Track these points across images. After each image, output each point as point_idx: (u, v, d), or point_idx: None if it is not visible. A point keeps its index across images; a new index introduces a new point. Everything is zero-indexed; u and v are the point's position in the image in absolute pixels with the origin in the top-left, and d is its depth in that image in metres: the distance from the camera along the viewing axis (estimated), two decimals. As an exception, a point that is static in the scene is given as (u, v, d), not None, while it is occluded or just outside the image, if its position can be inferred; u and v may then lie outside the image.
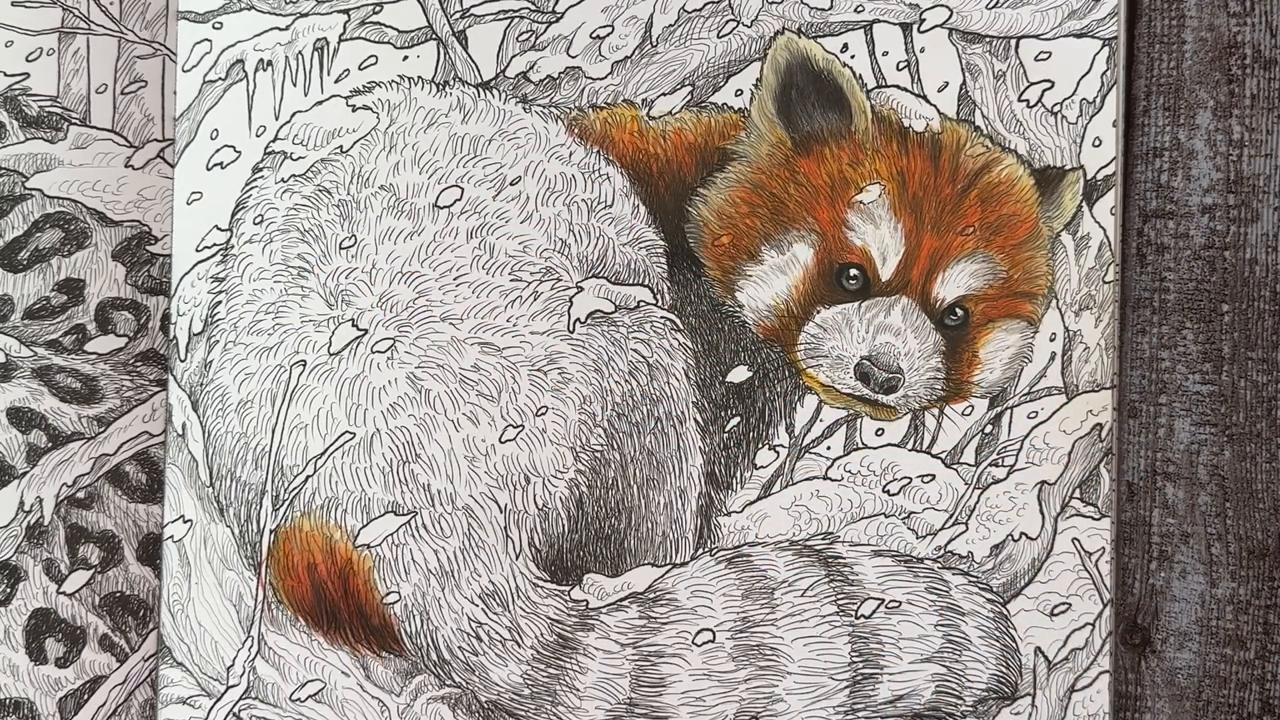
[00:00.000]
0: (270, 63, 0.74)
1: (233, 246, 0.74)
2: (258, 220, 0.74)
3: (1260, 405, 0.73)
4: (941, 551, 0.74)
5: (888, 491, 0.74)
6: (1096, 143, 0.74)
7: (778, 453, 0.74)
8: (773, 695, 0.73)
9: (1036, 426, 0.74)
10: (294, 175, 0.74)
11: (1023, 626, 0.74)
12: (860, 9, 0.74)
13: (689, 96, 0.74)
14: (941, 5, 0.74)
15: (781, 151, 0.74)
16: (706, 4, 0.74)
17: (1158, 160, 0.75)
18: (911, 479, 0.74)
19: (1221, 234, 0.74)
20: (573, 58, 0.74)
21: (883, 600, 0.74)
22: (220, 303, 0.74)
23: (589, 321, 0.73)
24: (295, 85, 0.74)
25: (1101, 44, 0.74)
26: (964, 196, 0.74)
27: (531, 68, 0.74)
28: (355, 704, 0.74)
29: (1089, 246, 0.74)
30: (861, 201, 0.73)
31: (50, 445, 0.75)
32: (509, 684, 0.73)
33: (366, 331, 0.73)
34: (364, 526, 0.73)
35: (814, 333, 0.74)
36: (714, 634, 0.73)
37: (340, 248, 0.73)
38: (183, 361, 0.74)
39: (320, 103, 0.74)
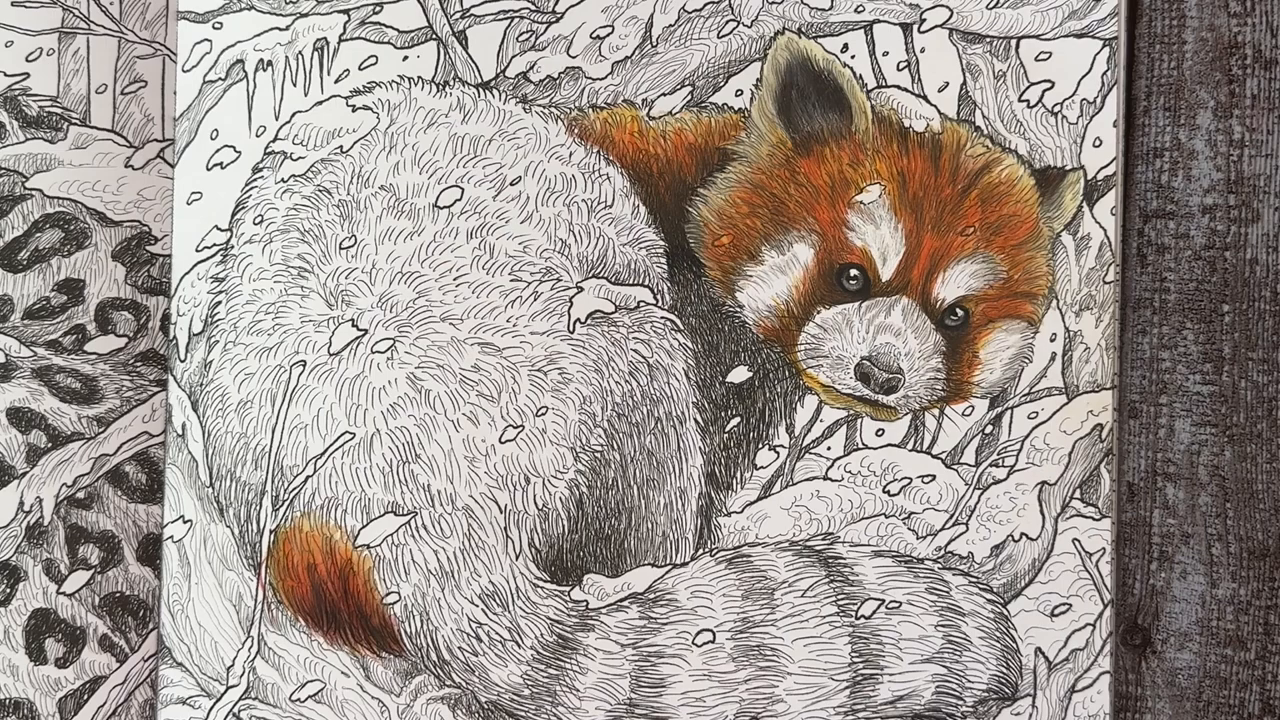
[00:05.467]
0: (270, 63, 0.74)
1: (233, 246, 0.74)
2: (258, 220, 0.74)
3: (1261, 405, 0.73)
4: (942, 552, 0.74)
5: (888, 492, 0.74)
6: (1097, 143, 0.74)
7: (778, 453, 0.74)
8: (773, 696, 0.73)
9: (1037, 427, 0.74)
10: (294, 175, 0.74)
11: (1023, 627, 0.74)
12: (860, 9, 0.74)
13: (689, 97, 0.74)
14: (942, 5, 0.74)
15: (782, 152, 0.74)
16: (706, 4, 0.74)
17: (1158, 160, 0.75)
18: (912, 479, 0.74)
19: (1222, 234, 0.74)
20: (573, 58, 0.74)
21: (883, 601, 0.74)
22: (220, 303, 0.74)
23: (589, 322, 0.73)
24: (295, 85, 0.74)
25: (1102, 44, 0.74)
26: (964, 197, 0.73)
27: (531, 68, 0.74)
28: (355, 704, 0.74)
29: (1089, 247, 0.74)
30: (862, 202, 0.73)
31: (50, 445, 0.75)
32: (509, 684, 0.73)
33: (366, 331, 0.73)
34: (364, 527, 0.73)
35: (814, 333, 0.74)
36: (714, 634, 0.73)
37: (340, 248, 0.73)
38: (183, 361, 0.74)
39: (320, 103, 0.74)
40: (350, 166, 0.74)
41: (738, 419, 0.74)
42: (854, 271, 0.73)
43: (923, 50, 0.74)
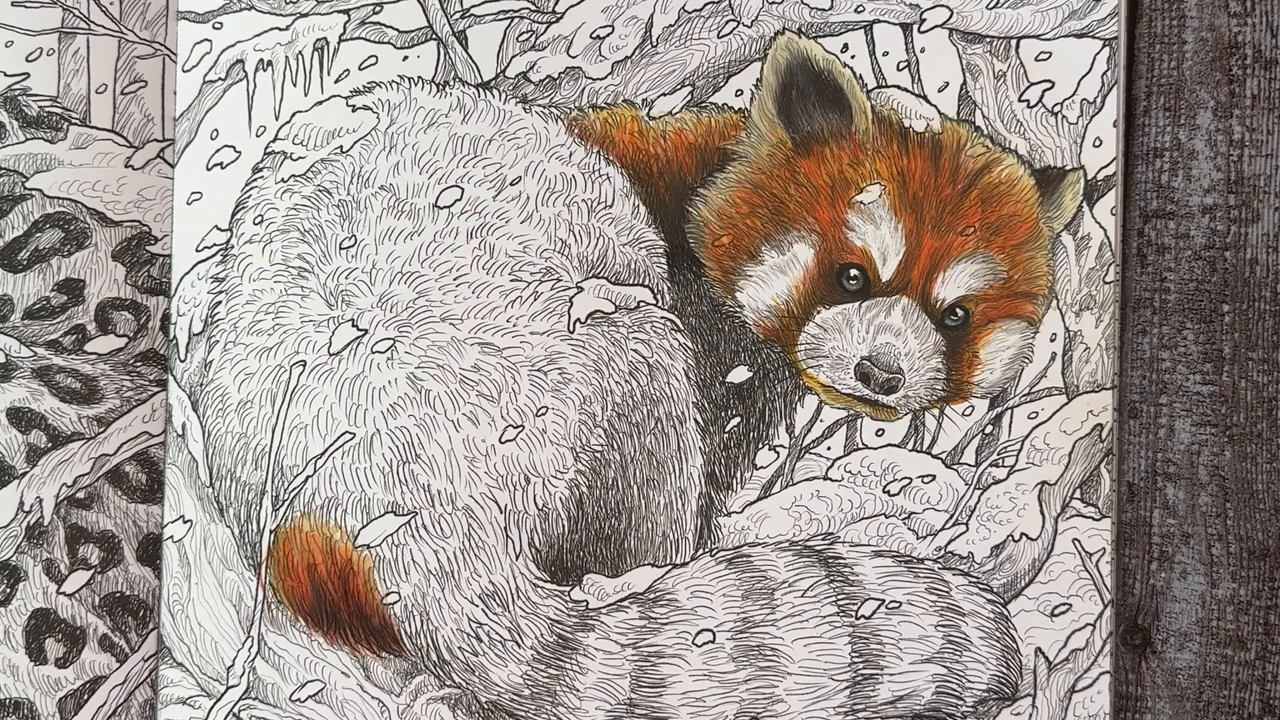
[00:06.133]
0: (270, 63, 0.74)
1: (233, 246, 0.74)
2: (258, 220, 0.74)
3: (1261, 406, 0.73)
4: (942, 552, 0.74)
5: (888, 492, 0.74)
6: (1097, 143, 0.74)
7: (778, 453, 0.74)
8: (773, 696, 0.73)
9: (1037, 427, 0.74)
10: (294, 175, 0.74)
11: (1023, 627, 0.74)
12: (860, 9, 0.74)
13: (689, 97, 0.74)
14: (942, 5, 0.74)
15: (782, 152, 0.74)
16: (707, 4, 0.74)
17: (1158, 160, 0.75)
18: (912, 479, 0.74)
19: (1222, 234, 0.74)
20: (573, 58, 0.74)
21: (883, 601, 0.74)
22: (220, 303, 0.74)
23: (589, 322, 0.73)
24: (295, 85, 0.74)
25: (1102, 44, 0.74)
26: (964, 197, 0.73)
27: (531, 68, 0.74)
28: (355, 704, 0.74)
29: (1089, 247, 0.74)
30: (862, 202, 0.73)
31: (50, 445, 0.75)
32: (509, 684, 0.73)
33: (366, 331, 0.73)
34: (364, 527, 0.73)
35: (814, 333, 0.74)
36: (714, 634, 0.73)
37: (340, 248, 0.73)
38: (183, 361, 0.74)
39: (320, 103, 0.74)
40: (350, 166, 0.74)
41: (738, 419, 0.74)
42: (854, 271, 0.73)
43: (923, 50, 0.74)
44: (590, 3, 0.74)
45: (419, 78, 0.75)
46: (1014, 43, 0.74)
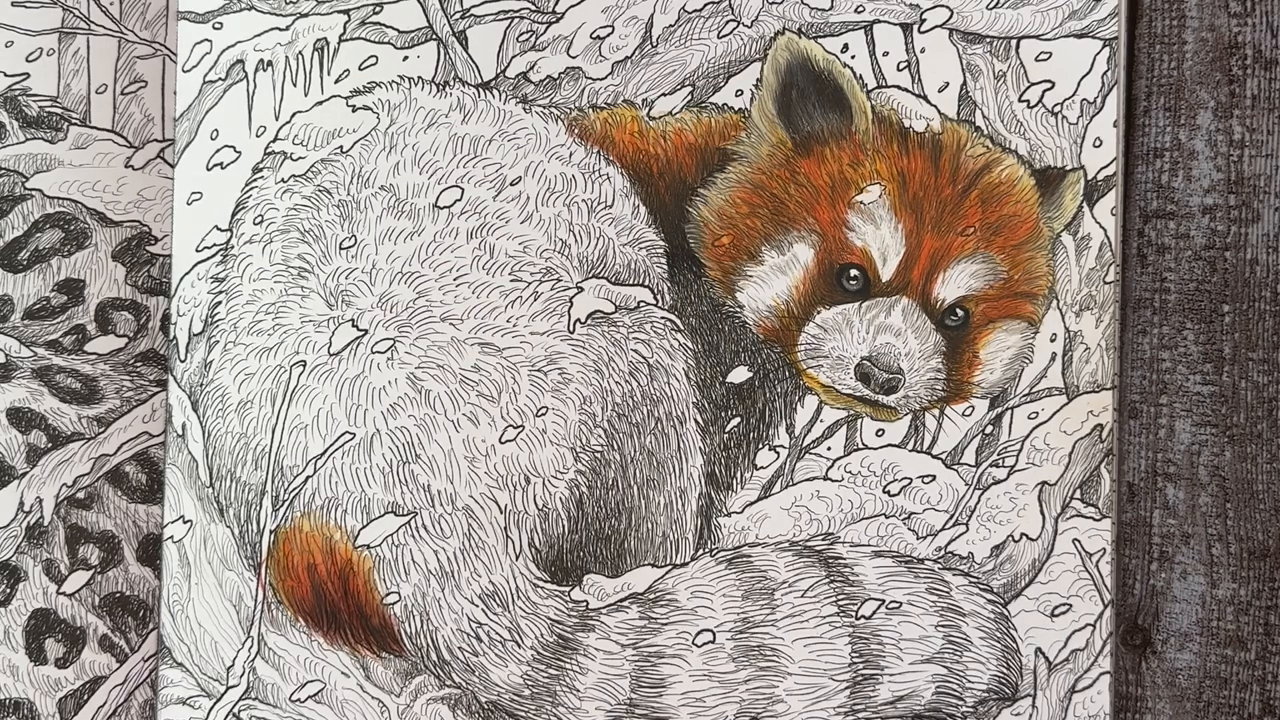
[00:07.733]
0: (270, 63, 0.74)
1: (233, 247, 0.74)
2: (258, 220, 0.74)
3: (1261, 406, 0.73)
4: (942, 552, 0.74)
5: (888, 492, 0.74)
6: (1097, 143, 0.74)
7: (778, 453, 0.74)
8: (773, 696, 0.73)
9: (1037, 427, 0.74)
10: (294, 175, 0.74)
11: (1023, 627, 0.74)
12: (861, 9, 0.74)
13: (689, 97, 0.74)
14: (942, 6, 0.74)
15: (782, 152, 0.74)
16: (707, 4, 0.74)
17: (1158, 160, 0.75)
18: (912, 480, 0.74)
19: (1222, 234, 0.74)
20: (573, 58, 0.74)
21: (883, 601, 0.74)
22: (220, 303, 0.74)
23: (589, 322, 0.73)
24: (295, 85, 0.74)
25: (1102, 44, 0.74)
26: (964, 197, 0.73)
27: (531, 68, 0.74)
28: (355, 704, 0.74)
29: (1089, 247, 0.74)
30: (862, 202, 0.73)
31: (50, 445, 0.75)
32: (509, 684, 0.73)
33: (366, 332, 0.73)
34: (364, 527, 0.73)
35: (814, 333, 0.74)
36: (714, 635, 0.73)
37: (340, 248, 0.73)
38: (183, 362, 0.74)
39: (320, 103, 0.74)
40: (350, 166, 0.74)
41: (738, 419, 0.74)
42: (854, 272, 0.73)
43: (923, 50, 0.74)
44: (590, 3, 0.74)
45: (419, 78, 0.75)
46: (1014, 43, 0.74)
